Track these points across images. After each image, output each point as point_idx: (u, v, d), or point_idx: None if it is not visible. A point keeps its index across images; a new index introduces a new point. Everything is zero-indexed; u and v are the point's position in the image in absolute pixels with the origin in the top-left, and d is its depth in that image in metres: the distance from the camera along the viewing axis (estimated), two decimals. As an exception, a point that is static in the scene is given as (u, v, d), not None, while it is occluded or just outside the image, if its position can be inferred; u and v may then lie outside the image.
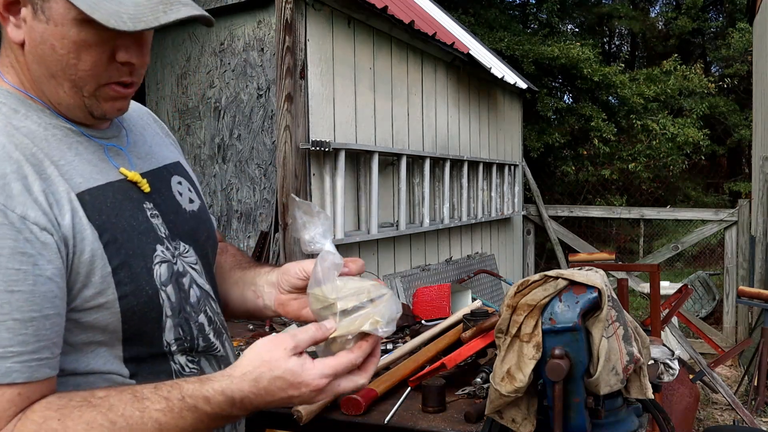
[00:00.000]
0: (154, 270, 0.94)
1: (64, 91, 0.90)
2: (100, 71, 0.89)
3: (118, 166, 0.97)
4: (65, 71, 0.88)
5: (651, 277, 3.48)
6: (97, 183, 0.91)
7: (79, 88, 0.90)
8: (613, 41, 16.70)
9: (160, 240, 0.97)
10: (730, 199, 11.44)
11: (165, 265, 0.96)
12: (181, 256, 1.01)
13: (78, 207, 0.87)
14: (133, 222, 0.94)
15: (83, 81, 0.89)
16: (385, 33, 4.07)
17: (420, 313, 2.57)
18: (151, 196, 1.00)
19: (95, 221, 0.88)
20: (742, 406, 4.24)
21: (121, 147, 1.00)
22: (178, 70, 3.75)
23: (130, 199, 0.96)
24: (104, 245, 0.88)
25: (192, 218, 1.07)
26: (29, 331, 0.79)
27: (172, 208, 1.03)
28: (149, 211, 0.98)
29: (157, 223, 0.98)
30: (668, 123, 10.10)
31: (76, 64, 0.87)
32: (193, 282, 1.03)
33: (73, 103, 0.91)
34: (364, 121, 3.88)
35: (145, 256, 0.93)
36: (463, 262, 5.28)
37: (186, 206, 1.07)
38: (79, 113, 0.93)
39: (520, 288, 1.26)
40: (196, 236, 1.07)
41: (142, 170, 1.01)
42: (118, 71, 0.91)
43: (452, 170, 4.96)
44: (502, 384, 1.21)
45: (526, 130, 8.66)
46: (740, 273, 6.32)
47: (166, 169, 1.08)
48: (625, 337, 1.25)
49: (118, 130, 1.02)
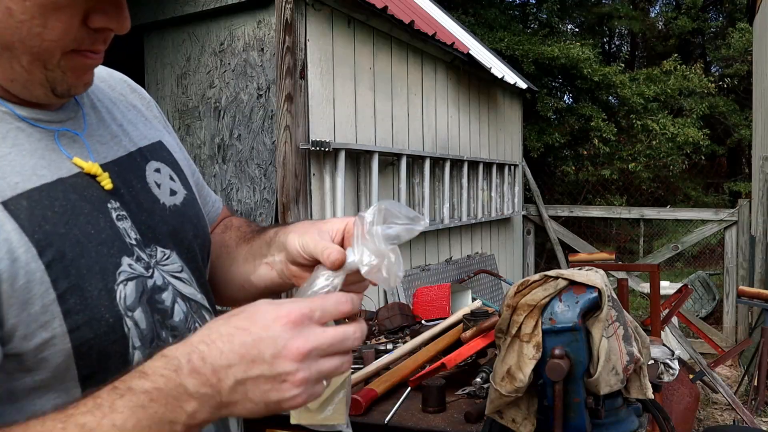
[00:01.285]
0: (116, 291, 0.74)
1: (21, 65, 0.70)
2: (70, 39, 0.70)
3: (71, 156, 0.76)
4: (26, 41, 0.68)
5: (651, 277, 3.48)
6: (41, 181, 0.71)
7: (42, 61, 0.70)
8: (613, 41, 16.71)
9: (127, 250, 0.77)
10: (730, 199, 11.44)
11: (132, 283, 0.76)
12: (159, 266, 0.82)
13: (5, 219, 0.67)
14: (90, 230, 0.74)
15: (48, 52, 0.70)
16: (385, 33, 4.07)
17: (420, 313, 2.57)
18: (118, 192, 0.80)
19: (33, 235, 0.68)
20: (742, 406, 4.24)
21: (77, 132, 0.79)
22: (178, 70, 3.75)
23: (88, 198, 0.76)
24: (46, 265, 0.68)
25: (173, 215, 0.87)
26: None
27: (146, 205, 0.83)
28: (114, 212, 0.78)
29: (125, 227, 0.79)
30: (668, 123, 10.10)
31: (41, 32, 0.68)
32: (178, 295, 0.83)
33: (30, 79, 0.72)
34: (364, 121, 3.88)
35: (104, 273, 0.73)
36: (463, 262, 5.28)
37: (165, 200, 0.87)
38: (37, 92, 0.73)
39: (520, 288, 1.26)
40: (179, 237, 0.87)
41: (105, 159, 0.81)
42: (91, 37, 0.73)
43: (452, 170, 4.96)
44: (502, 384, 1.21)
45: (526, 130, 8.66)
46: (740, 273, 6.32)
47: (140, 153, 0.87)
48: (625, 337, 1.25)
49: (73, 110, 0.81)
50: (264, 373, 0.62)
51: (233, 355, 0.62)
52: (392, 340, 2.15)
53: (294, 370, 0.63)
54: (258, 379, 0.63)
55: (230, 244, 1.03)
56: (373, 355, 1.89)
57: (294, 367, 0.63)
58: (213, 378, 0.62)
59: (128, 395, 0.61)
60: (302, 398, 0.64)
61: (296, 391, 0.64)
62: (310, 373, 0.64)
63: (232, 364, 0.62)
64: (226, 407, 0.64)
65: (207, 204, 1.08)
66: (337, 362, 0.66)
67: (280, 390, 0.63)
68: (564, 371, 1.15)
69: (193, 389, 0.62)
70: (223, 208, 1.14)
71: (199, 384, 0.62)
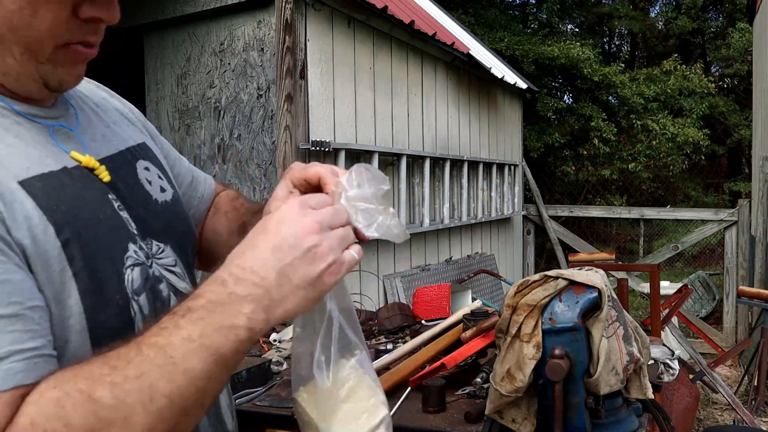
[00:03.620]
0: (125, 275, 0.76)
1: (14, 57, 0.71)
2: (61, 30, 0.71)
3: (68, 150, 0.77)
4: (16, 32, 0.69)
5: (651, 277, 3.48)
6: (50, 168, 0.73)
7: (33, 53, 0.71)
8: (613, 41, 16.71)
9: (132, 237, 0.80)
10: (730, 199, 11.44)
11: (138, 269, 0.79)
12: (156, 258, 0.84)
13: (24, 197, 0.68)
14: (99, 215, 0.76)
15: (39, 44, 0.71)
16: (385, 33, 4.07)
17: (420, 313, 2.57)
18: (114, 185, 0.81)
19: (51, 214, 0.70)
20: (742, 406, 4.24)
21: (70, 128, 0.81)
22: (178, 70, 3.75)
23: (91, 188, 0.77)
24: (63, 244, 0.69)
25: (165, 210, 0.89)
26: (18, 327, 0.62)
27: (140, 200, 0.85)
28: (115, 203, 0.80)
29: (126, 217, 0.80)
30: (668, 123, 10.11)
31: (31, 22, 0.69)
32: (172, 289, 0.85)
33: (23, 72, 0.73)
34: (364, 121, 3.88)
35: (114, 257, 0.76)
36: (463, 262, 5.27)
37: (157, 196, 0.89)
38: (29, 86, 0.74)
39: (520, 288, 1.26)
40: (171, 232, 0.89)
41: (99, 155, 0.82)
42: (81, 30, 0.73)
43: (452, 170, 4.96)
44: (502, 384, 1.21)
45: (526, 130, 8.66)
46: (740, 273, 6.32)
47: (129, 152, 0.89)
48: (625, 337, 1.25)
49: (65, 108, 0.83)
50: (296, 255, 0.68)
51: (265, 253, 0.68)
52: (392, 340, 2.15)
53: (318, 241, 0.69)
54: (293, 263, 0.68)
55: (221, 231, 1.06)
56: (373, 355, 1.89)
57: (317, 239, 0.69)
58: (257, 278, 0.67)
59: (188, 314, 0.65)
60: (337, 267, 0.70)
61: (329, 259, 0.69)
62: (331, 240, 0.70)
63: (267, 260, 0.67)
64: (279, 305, 0.67)
65: (199, 185, 1.10)
66: (345, 231, 0.72)
67: (315, 263, 0.68)
68: (564, 371, 1.15)
69: (244, 293, 0.66)
70: (215, 185, 1.15)
71: (247, 287, 0.66)
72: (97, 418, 0.59)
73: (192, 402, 0.63)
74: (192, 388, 0.63)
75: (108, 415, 0.59)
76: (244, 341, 0.66)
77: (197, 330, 0.63)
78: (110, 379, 0.60)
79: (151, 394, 0.61)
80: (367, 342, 2.12)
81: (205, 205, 1.12)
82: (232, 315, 0.65)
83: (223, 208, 1.10)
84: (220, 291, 0.66)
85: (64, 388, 0.60)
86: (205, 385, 0.64)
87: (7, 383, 0.60)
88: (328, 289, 0.70)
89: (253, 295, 0.66)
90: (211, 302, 0.65)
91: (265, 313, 0.67)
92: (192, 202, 1.08)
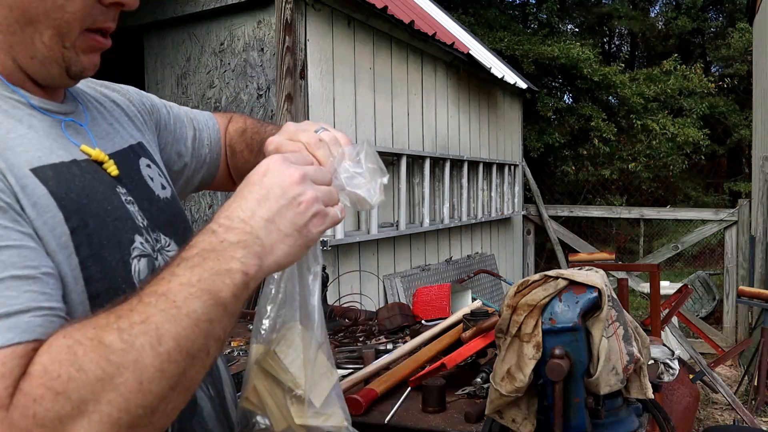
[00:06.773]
0: (131, 265, 0.79)
1: (43, 41, 0.74)
2: (87, 13, 0.75)
3: (78, 144, 0.80)
4: (49, 14, 0.73)
5: (651, 277, 3.48)
6: (60, 159, 0.75)
7: (62, 36, 0.74)
8: (613, 41, 16.71)
9: (138, 230, 0.82)
10: (730, 199, 11.44)
11: (144, 260, 0.81)
12: (163, 251, 0.86)
13: (36, 183, 0.70)
14: (106, 206, 0.78)
15: (68, 26, 0.74)
16: (385, 33, 4.07)
17: (420, 313, 2.57)
18: (122, 180, 0.84)
19: (61, 201, 0.71)
20: (742, 406, 4.24)
21: (81, 123, 0.84)
22: (178, 70, 3.75)
23: (101, 180, 0.80)
24: (71, 230, 0.71)
25: (167, 206, 0.93)
26: (34, 288, 0.63)
27: (145, 195, 0.88)
28: (123, 197, 0.82)
29: (134, 210, 0.83)
30: (668, 123, 10.11)
31: (64, 5, 0.73)
32: None
33: (49, 56, 0.75)
34: (364, 121, 3.87)
35: (121, 247, 0.78)
36: (463, 262, 5.27)
37: (159, 193, 0.92)
38: (53, 70, 0.77)
39: (520, 288, 1.26)
40: (175, 227, 0.92)
41: (106, 151, 0.84)
42: (103, 15, 0.77)
43: (452, 170, 4.96)
44: (502, 384, 1.21)
45: (526, 130, 8.66)
46: (740, 273, 6.32)
47: (132, 150, 0.92)
48: (625, 337, 1.25)
49: (74, 104, 0.86)
50: (282, 203, 0.71)
51: (252, 203, 0.71)
52: (392, 340, 2.15)
53: (302, 191, 0.72)
54: (280, 211, 0.71)
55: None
56: (373, 355, 1.89)
57: (301, 188, 0.72)
58: (246, 226, 0.69)
59: (183, 263, 0.66)
60: (321, 217, 0.74)
61: (314, 209, 0.73)
62: (315, 191, 0.73)
63: (254, 209, 0.71)
64: (270, 252, 0.70)
65: (204, 128, 1.15)
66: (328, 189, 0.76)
67: (301, 212, 0.72)
68: (564, 371, 1.15)
69: (235, 239, 0.68)
70: (218, 123, 1.19)
71: (237, 234, 0.69)
72: (108, 361, 0.60)
73: (198, 345, 0.64)
74: (197, 330, 0.64)
75: (119, 358, 0.60)
76: (240, 286, 0.67)
77: (195, 275, 0.65)
78: (117, 326, 0.62)
79: (158, 335, 0.62)
80: (368, 342, 2.12)
81: (217, 148, 1.15)
82: (226, 260, 0.67)
83: (239, 147, 1.15)
84: (212, 240, 0.68)
85: (74, 336, 0.61)
86: (208, 328, 0.65)
87: (27, 335, 0.61)
88: (315, 237, 0.73)
89: (244, 241, 0.68)
90: (205, 250, 0.67)
91: (258, 259, 0.69)
92: (202, 151, 1.13)
